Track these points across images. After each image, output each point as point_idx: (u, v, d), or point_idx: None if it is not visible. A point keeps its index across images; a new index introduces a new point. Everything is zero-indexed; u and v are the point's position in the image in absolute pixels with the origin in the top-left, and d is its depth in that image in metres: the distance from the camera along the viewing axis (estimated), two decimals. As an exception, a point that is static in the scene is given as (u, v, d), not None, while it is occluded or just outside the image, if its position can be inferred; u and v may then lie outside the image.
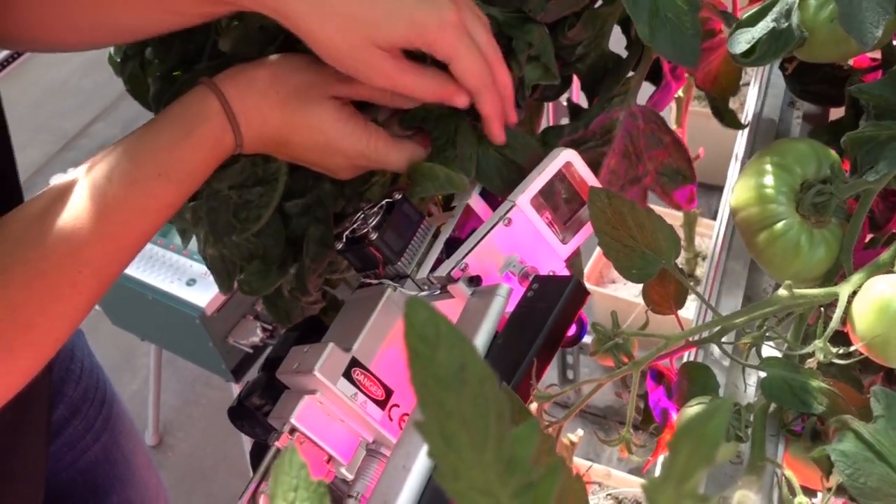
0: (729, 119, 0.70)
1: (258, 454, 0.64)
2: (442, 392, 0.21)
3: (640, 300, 1.90)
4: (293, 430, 0.53)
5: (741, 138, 0.91)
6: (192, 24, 0.55)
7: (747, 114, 0.88)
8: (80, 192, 0.49)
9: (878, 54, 0.63)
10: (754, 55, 0.50)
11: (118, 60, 0.69)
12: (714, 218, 2.02)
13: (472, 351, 0.22)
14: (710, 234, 1.89)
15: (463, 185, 0.56)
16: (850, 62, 0.64)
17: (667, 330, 0.51)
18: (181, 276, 1.49)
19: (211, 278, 1.61)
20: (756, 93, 0.88)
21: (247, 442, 1.68)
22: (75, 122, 3.07)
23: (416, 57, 0.54)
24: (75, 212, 0.48)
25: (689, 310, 0.84)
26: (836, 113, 0.73)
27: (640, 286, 1.83)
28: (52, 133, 3.00)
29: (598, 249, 1.86)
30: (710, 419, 0.21)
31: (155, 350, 1.81)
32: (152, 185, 0.50)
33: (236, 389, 1.60)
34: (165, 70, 0.61)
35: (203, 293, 1.46)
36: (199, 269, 1.50)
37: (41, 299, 0.47)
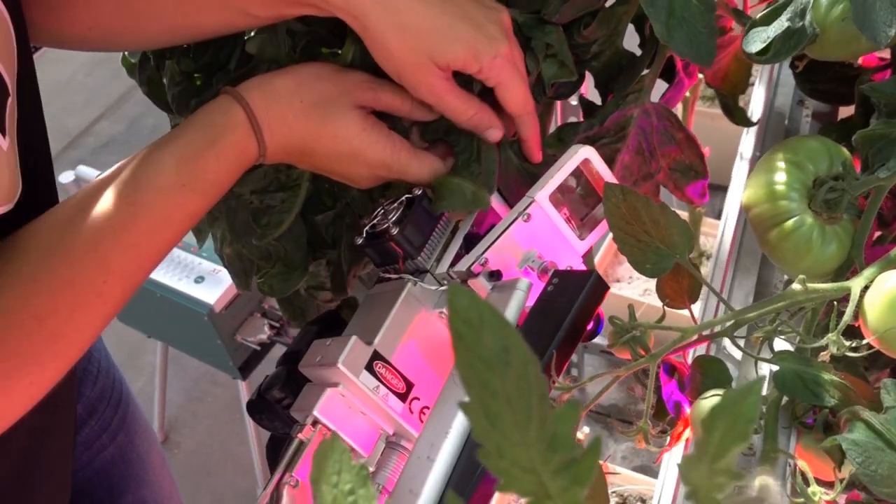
0: (739, 116, 0.71)
1: (275, 447, 0.65)
2: (487, 373, 0.22)
3: (645, 299, 1.91)
4: (316, 422, 0.53)
5: (746, 138, 0.92)
6: (262, 25, 0.56)
7: (752, 112, 0.89)
8: (105, 201, 0.49)
9: (886, 53, 0.64)
10: (769, 54, 0.51)
11: (132, 61, 0.70)
12: (718, 217, 2.03)
13: (514, 334, 0.23)
14: (714, 234, 1.90)
15: (487, 203, 0.57)
16: (860, 61, 0.65)
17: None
18: (189, 274, 1.50)
19: (219, 275, 1.62)
20: (762, 92, 0.89)
21: (253, 439, 1.69)
22: (79, 120, 3.08)
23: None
24: (101, 221, 0.49)
25: (694, 307, 0.85)
26: (845, 111, 0.74)
27: (645, 286, 1.83)
28: (56, 131, 3.01)
29: (602, 248, 1.88)
30: (744, 398, 0.22)
31: (161, 347, 1.82)
32: (177, 194, 0.51)
33: (242, 387, 1.61)
34: (192, 71, 0.61)
35: (211, 290, 1.47)
36: (208, 266, 1.51)
37: (68, 309, 0.47)
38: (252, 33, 0.59)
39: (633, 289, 1.86)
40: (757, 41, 0.51)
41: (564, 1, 0.57)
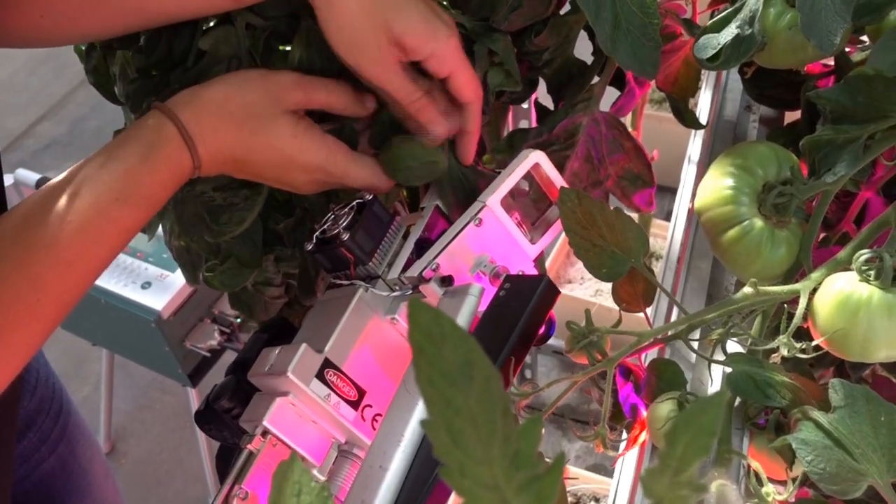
0: (689, 119, 0.71)
1: (224, 458, 0.64)
2: (449, 389, 0.21)
3: (597, 299, 1.92)
4: (265, 433, 0.52)
5: (694, 141, 0.93)
6: (235, 7, 0.56)
7: (700, 116, 0.90)
8: (37, 217, 0.48)
9: (830, 61, 0.65)
10: (719, 60, 0.51)
11: (82, 48, 0.68)
12: (667, 219, 2.06)
13: (476, 348, 0.22)
14: (663, 235, 1.92)
15: (442, 163, 0.57)
16: (805, 68, 0.66)
17: (628, 329, 0.52)
18: (136, 279, 1.46)
19: (166, 281, 1.58)
20: (710, 96, 0.91)
21: (204, 447, 1.66)
22: (20, 122, 2.99)
23: None
24: (32, 238, 0.47)
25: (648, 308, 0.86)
26: (791, 116, 0.76)
27: (596, 287, 1.83)
28: (-5, 133, 2.92)
29: (554, 250, 1.89)
30: (706, 411, 0.22)
31: (107, 355, 1.78)
32: (110, 209, 0.50)
33: (192, 394, 1.58)
34: (145, 67, 0.60)
35: (159, 296, 1.43)
36: (155, 271, 1.47)
37: (0, 328, 0.46)
38: (210, 24, 0.58)
39: (584, 290, 1.87)
40: (708, 48, 0.51)
41: (513, 10, 0.57)
